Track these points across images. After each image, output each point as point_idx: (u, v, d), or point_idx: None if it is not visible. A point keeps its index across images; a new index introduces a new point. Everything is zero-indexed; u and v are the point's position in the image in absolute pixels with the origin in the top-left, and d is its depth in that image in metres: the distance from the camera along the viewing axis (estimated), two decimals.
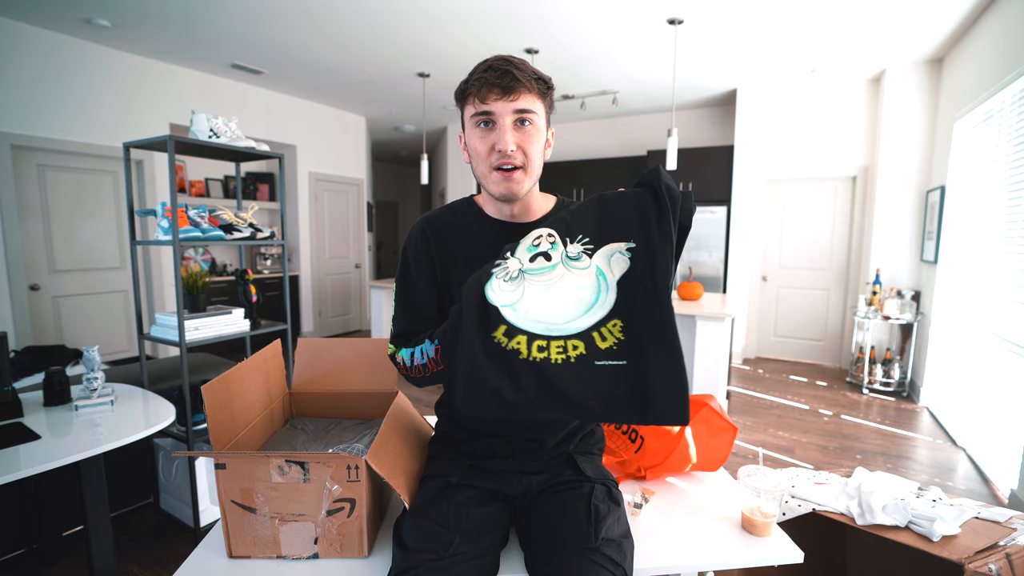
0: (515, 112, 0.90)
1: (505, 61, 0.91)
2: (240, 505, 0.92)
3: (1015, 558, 1.19)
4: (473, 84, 0.91)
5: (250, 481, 0.92)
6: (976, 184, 3.25)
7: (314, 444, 1.20)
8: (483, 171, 0.95)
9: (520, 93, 0.90)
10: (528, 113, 0.91)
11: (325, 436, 1.25)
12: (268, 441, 1.19)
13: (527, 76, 0.90)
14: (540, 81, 0.92)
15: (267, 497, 0.92)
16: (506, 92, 0.89)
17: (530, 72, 0.91)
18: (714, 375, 3.23)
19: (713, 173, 5.13)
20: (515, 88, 0.89)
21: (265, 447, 1.16)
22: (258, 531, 0.93)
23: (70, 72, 3.79)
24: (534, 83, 0.91)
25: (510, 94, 0.89)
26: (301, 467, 0.91)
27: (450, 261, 1.00)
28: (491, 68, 0.90)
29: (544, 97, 0.94)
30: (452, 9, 3.33)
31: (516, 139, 0.91)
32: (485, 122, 0.92)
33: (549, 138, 0.99)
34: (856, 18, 3.36)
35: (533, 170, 0.95)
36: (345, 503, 0.92)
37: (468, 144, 0.96)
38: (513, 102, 0.89)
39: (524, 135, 0.92)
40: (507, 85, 0.88)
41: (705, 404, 1.29)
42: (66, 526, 1.98)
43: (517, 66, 0.90)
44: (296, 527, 0.93)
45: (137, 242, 2.05)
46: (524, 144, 0.92)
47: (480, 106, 0.90)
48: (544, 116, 0.95)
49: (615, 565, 0.83)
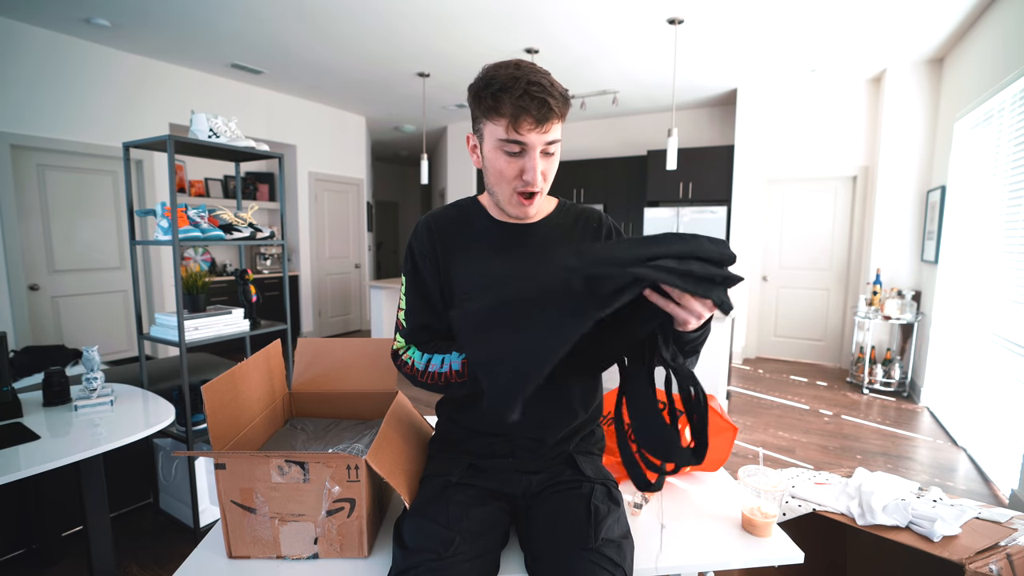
0: (545, 143, 0.89)
1: (540, 87, 0.86)
2: (240, 505, 0.92)
3: (1016, 558, 1.19)
4: (507, 105, 0.86)
5: (250, 481, 0.91)
6: (976, 184, 3.25)
7: (314, 444, 1.20)
8: (504, 191, 0.94)
9: (552, 123, 0.88)
10: (556, 143, 0.91)
11: (325, 436, 1.25)
12: (268, 441, 1.19)
13: (559, 103, 0.87)
14: (567, 104, 0.90)
15: (267, 497, 0.92)
16: (539, 123, 0.87)
17: (559, 96, 0.88)
18: (714, 375, 3.23)
19: (713, 173, 5.13)
20: (549, 119, 0.87)
21: (265, 447, 1.16)
22: (258, 531, 0.93)
23: (70, 72, 3.79)
24: (564, 108, 0.89)
25: (543, 124, 0.87)
26: (301, 467, 0.91)
27: (453, 259, 1.00)
28: (527, 94, 0.85)
29: (565, 116, 0.92)
30: (452, 9, 3.33)
31: (542, 167, 0.92)
32: (513, 151, 0.89)
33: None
34: (856, 18, 3.36)
35: (547, 190, 0.96)
36: (345, 503, 0.92)
37: (490, 161, 0.93)
38: (545, 133, 0.88)
39: (548, 162, 0.93)
40: (543, 116, 0.86)
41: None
42: (66, 526, 1.98)
43: (550, 93, 0.86)
44: (296, 527, 0.93)
45: (137, 242, 2.05)
46: (547, 171, 0.93)
47: (513, 134, 0.87)
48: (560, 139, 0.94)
49: (615, 565, 0.82)
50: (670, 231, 0.75)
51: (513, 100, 0.85)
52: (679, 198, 5.33)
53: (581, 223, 1.05)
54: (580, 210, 1.08)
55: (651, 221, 5.33)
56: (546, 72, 0.90)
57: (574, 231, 1.04)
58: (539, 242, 1.01)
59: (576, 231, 1.04)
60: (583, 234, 1.04)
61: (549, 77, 0.89)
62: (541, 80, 0.86)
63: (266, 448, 1.16)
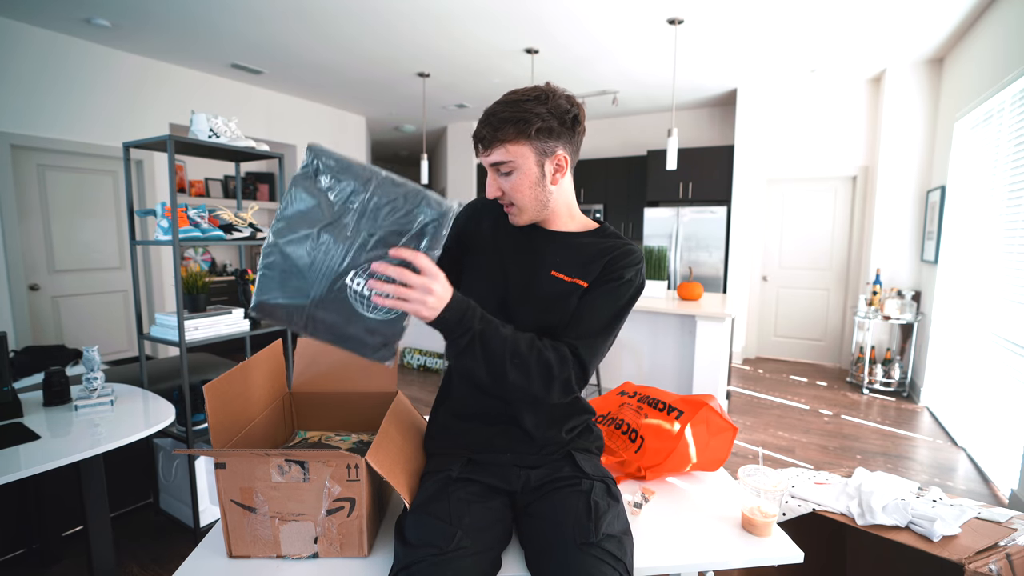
0: (491, 165, 0.97)
1: (489, 114, 0.95)
2: (240, 505, 0.92)
3: (1015, 558, 1.19)
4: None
5: (250, 480, 0.91)
6: (976, 184, 3.25)
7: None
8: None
9: (493, 148, 0.95)
10: (503, 164, 0.96)
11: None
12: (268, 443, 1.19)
13: (505, 125, 0.93)
14: (521, 123, 0.92)
15: (267, 496, 0.92)
16: (485, 148, 0.96)
17: (512, 118, 0.92)
18: (714, 375, 3.23)
19: (713, 173, 5.13)
20: (490, 143, 0.95)
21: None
22: (258, 531, 0.93)
23: (70, 72, 3.79)
24: (512, 130, 0.93)
25: (487, 149, 0.96)
26: (301, 466, 0.91)
27: (477, 238, 1.09)
28: (480, 120, 0.96)
29: (527, 135, 0.93)
30: (452, 9, 3.33)
31: (500, 185, 0.99)
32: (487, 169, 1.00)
33: (560, 164, 0.99)
34: (856, 18, 3.36)
35: (527, 207, 1.00)
36: (345, 502, 0.92)
37: None
38: (488, 156, 0.96)
39: (507, 183, 0.98)
40: (485, 140, 0.95)
41: (705, 404, 1.29)
42: (66, 526, 1.98)
43: (499, 116, 0.93)
44: (296, 526, 0.93)
45: (137, 242, 2.05)
46: (507, 190, 0.99)
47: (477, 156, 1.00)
48: (532, 156, 0.95)
49: (616, 560, 0.83)
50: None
51: (475, 130, 0.98)
52: (679, 198, 5.33)
53: (603, 248, 1.03)
54: (615, 242, 1.04)
55: (651, 221, 5.33)
56: (523, 96, 0.95)
57: (591, 250, 1.03)
58: (548, 248, 1.04)
59: (595, 251, 1.02)
60: (599, 255, 1.02)
61: (513, 104, 0.94)
62: (496, 108, 0.95)
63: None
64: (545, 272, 1.02)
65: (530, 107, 0.93)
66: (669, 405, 1.32)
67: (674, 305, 3.42)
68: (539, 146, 0.95)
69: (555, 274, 1.01)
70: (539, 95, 0.95)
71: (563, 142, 0.98)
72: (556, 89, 0.98)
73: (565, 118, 0.96)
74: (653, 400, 1.38)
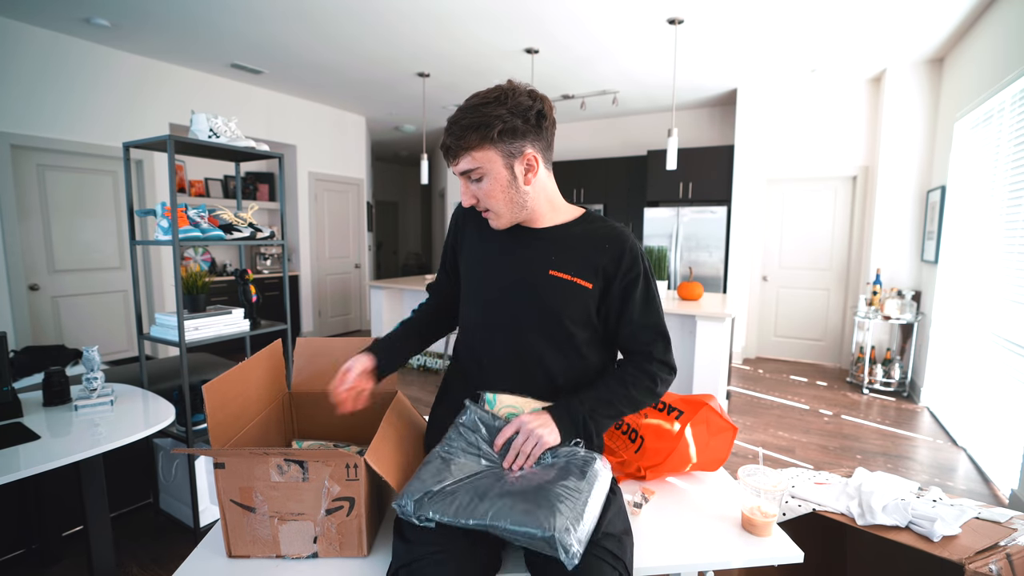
0: (460, 174, 0.99)
1: (451, 123, 0.96)
2: (239, 504, 0.92)
3: (1015, 558, 1.19)
4: None
5: (249, 480, 0.91)
6: (976, 184, 3.25)
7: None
8: None
9: (459, 157, 0.97)
10: (472, 171, 0.97)
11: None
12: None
13: (468, 132, 0.93)
14: (482, 128, 0.92)
15: (266, 496, 0.92)
16: (452, 158, 0.98)
17: (472, 124, 0.93)
18: (714, 375, 3.23)
19: (713, 173, 5.13)
20: (454, 154, 0.97)
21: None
22: (257, 530, 0.93)
23: (70, 72, 3.79)
24: (474, 136, 0.93)
25: (454, 159, 0.98)
26: (300, 466, 0.91)
27: (467, 243, 1.14)
28: (445, 130, 0.98)
29: (490, 139, 0.94)
30: (452, 9, 3.33)
31: (473, 193, 1.01)
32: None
33: (531, 163, 0.99)
34: (856, 18, 3.36)
35: (503, 211, 1.02)
36: (344, 502, 0.92)
37: None
38: (456, 166, 0.98)
39: (478, 189, 1.00)
40: (450, 150, 0.97)
41: (705, 404, 1.29)
42: (66, 526, 1.98)
43: (460, 124, 0.94)
44: (295, 526, 0.93)
45: (137, 242, 2.05)
46: (480, 196, 1.00)
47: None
48: (499, 159, 0.96)
49: (615, 559, 0.83)
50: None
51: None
52: (679, 198, 5.33)
53: (594, 239, 1.04)
54: (601, 227, 1.06)
55: (651, 221, 5.33)
56: (482, 100, 0.95)
57: (583, 242, 1.04)
58: (540, 247, 1.05)
59: (586, 243, 1.04)
60: (592, 247, 1.03)
61: (472, 110, 0.94)
62: (457, 115, 0.96)
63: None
64: (543, 272, 1.02)
65: (490, 110, 0.93)
66: (669, 405, 1.32)
67: (674, 305, 3.42)
68: (504, 148, 0.95)
69: (553, 273, 1.02)
70: (499, 95, 0.94)
71: (530, 140, 0.97)
72: (518, 87, 0.96)
73: (528, 115, 0.95)
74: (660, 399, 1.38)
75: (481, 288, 1.08)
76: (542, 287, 1.01)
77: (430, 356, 4.71)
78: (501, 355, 1.05)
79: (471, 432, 0.99)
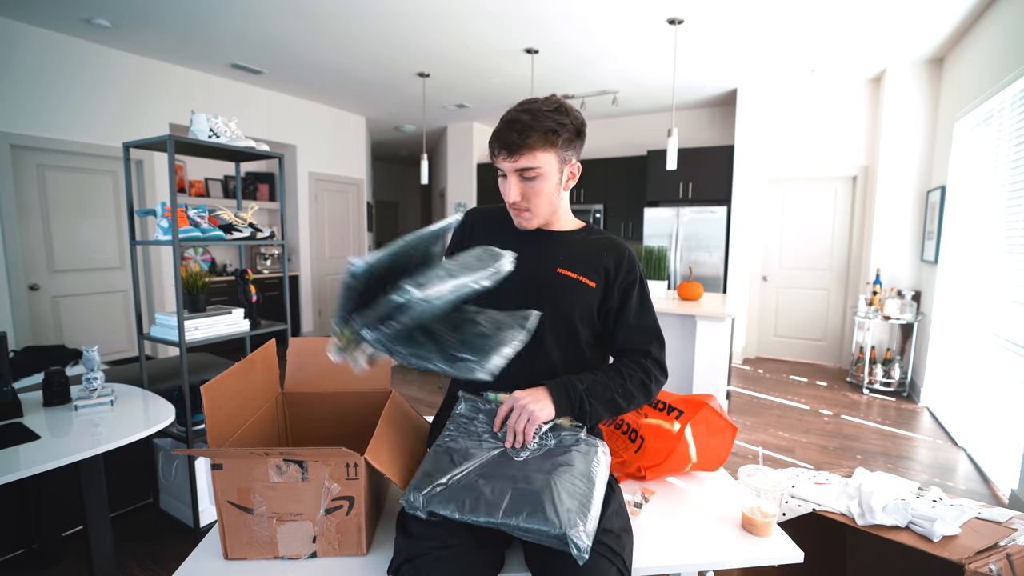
0: (517, 171, 1.02)
1: (514, 121, 0.99)
2: (237, 506, 0.92)
3: (1015, 558, 1.19)
4: (492, 139, 1.02)
5: (247, 481, 0.91)
6: (976, 184, 3.25)
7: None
8: (507, 206, 1.10)
9: (522, 153, 0.99)
10: (530, 170, 1.01)
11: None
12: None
13: (534, 133, 0.98)
14: (550, 133, 0.99)
15: (265, 497, 0.91)
16: (511, 153, 1.00)
17: (540, 127, 0.98)
18: (714, 375, 3.23)
19: (713, 173, 5.13)
20: (518, 149, 0.99)
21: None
22: (255, 532, 0.93)
23: (70, 72, 3.79)
24: (540, 138, 0.99)
25: (513, 154, 1.00)
26: (299, 466, 0.90)
27: (477, 244, 1.13)
28: (504, 126, 1.00)
29: (555, 144, 1.01)
30: (452, 9, 3.33)
31: (521, 190, 1.04)
32: (501, 174, 1.05)
33: (573, 172, 1.08)
34: (856, 18, 3.36)
35: (542, 211, 1.07)
36: (344, 501, 0.92)
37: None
38: (515, 162, 1.01)
39: (529, 187, 1.03)
40: (512, 145, 0.99)
41: (705, 404, 1.29)
42: (66, 526, 1.98)
43: (525, 123, 0.98)
44: (294, 527, 0.93)
45: (137, 242, 2.05)
46: (528, 194, 1.04)
47: (495, 161, 1.04)
48: (555, 163, 1.03)
49: (614, 555, 0.84)
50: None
51: (496, 131, 1.02)
52: (679, 198, 5.33)
53: (596, 246, 1.12)
54: (601, 237, 1.14)
55: (651, 221, 5.32)
56: (545, 106, 1.00)
57: (587, 247, 1.11)
58: (550, 248, 1.10)
59: (590, 248, 1.11)
60: (595, 253, 1.10)
61: (539, 107, 1.00)
62: (526, 108, 1.00)
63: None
64: (552, 269, 1.08)
65: (556, 118, 1.00)
66: (669, 405, 1.32)
67: (674, 305, 3.42)
68: (562, 154, 1.03)
69: (561, 271, 1.08)
70: (558, 106, 1.02)
71: (576, 151, 1.06)
72: (564, 101, 1.05)
73: (581, 130, 1.05)
74: (653, 400, 1.38)
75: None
76: (552, 283, 1.07)
77: None
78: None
79: (468, 421, 1.01)
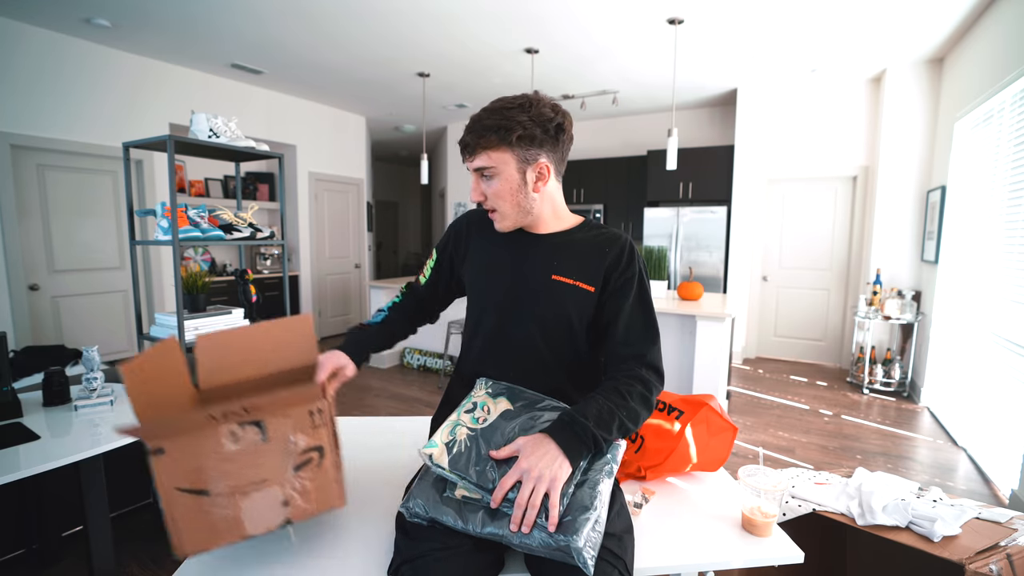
0: (475, 171, 1.02)
1: (474, 120, 0.99)
2: (189, 491, 0.80)
3: (1016, 558, 1.19)
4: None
5: (197, 458, 0.79)
6: (976, 184, 3.25)
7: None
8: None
9: (476, 154, 0.99)
10: (486, 169, 1.00)
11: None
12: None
13: (487, 132, 0.97)
14: (502, 131, 0.96)
15: (221, 472, 0.80)
16: (469, 153, 1.01)
17: (493, 125, 0.96)
18: (714, 375, 3.23)
19: (713, 173, 5.13)
20: (472, 150, 1.00)
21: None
22: (214, 515, 0.81)
23: (70, 72, 3.79)
24: (492, 137, 0.97)
25: (471, 155, 1.00)
26: (257, 426, 0.81)
27: (472, 249, 1.16)
28: (467, 126, 1.00)
29: (508, 142, 0.97)
30: (452, 9, 3.33)
31: (483, 189, 1.03)
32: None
33: (542, 172, 1.02)
34: (856, 18, 3.36)
35: (509, 212, 1.04)
36: (313, 452, 0.84)
37: None
38: (472, 162, 1.01)
39: (488, 187, 1.02)
40: (469, 146, 1.00)
41: (705, 404, 1.29)
42: (66, 526, 1.98)
43: (481, 122, 0.98)
44: (258, 497, 0.83)
45: (137, 242, 2.05)
46: (489, 194, 1.03)
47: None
48: (513, 163, 0.99)
49: (616, 558, 0.83)
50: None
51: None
52: (679, 198, 5.33)
53: (595, 244, 1.08)
54: (600, 232, 1.10)
55: (651, 221, 5.32)
56: (508, 104, 0.98)
57: (584, 248, 1.07)
58: (542, 252, 1.07)
59: (587, 248, 1.07)
60: (593, 253, 1.07)
61: (496, 111, 0.98)
62: (480, 115, 0.99)
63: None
64: (546, 277, 1.05)
65: (513, 115, 0.97)
66: (669, 405, 1.32)
67: (674, 305, 3.42)
68: (520, 153, 0.99)
69: (556, 278, 1.04)
70: (523, 103, 0.98)
71: (546, 150, 1.01)
72: (542, 98, 1.01)
73: (548, 126, 0.99)
74: (653, 408, 1.38)
75: (485, 294, 1.11)
76: (544, 291, 1.04)
77: (430, 356, 4.71)
78: (505, 359, 1.07)
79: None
